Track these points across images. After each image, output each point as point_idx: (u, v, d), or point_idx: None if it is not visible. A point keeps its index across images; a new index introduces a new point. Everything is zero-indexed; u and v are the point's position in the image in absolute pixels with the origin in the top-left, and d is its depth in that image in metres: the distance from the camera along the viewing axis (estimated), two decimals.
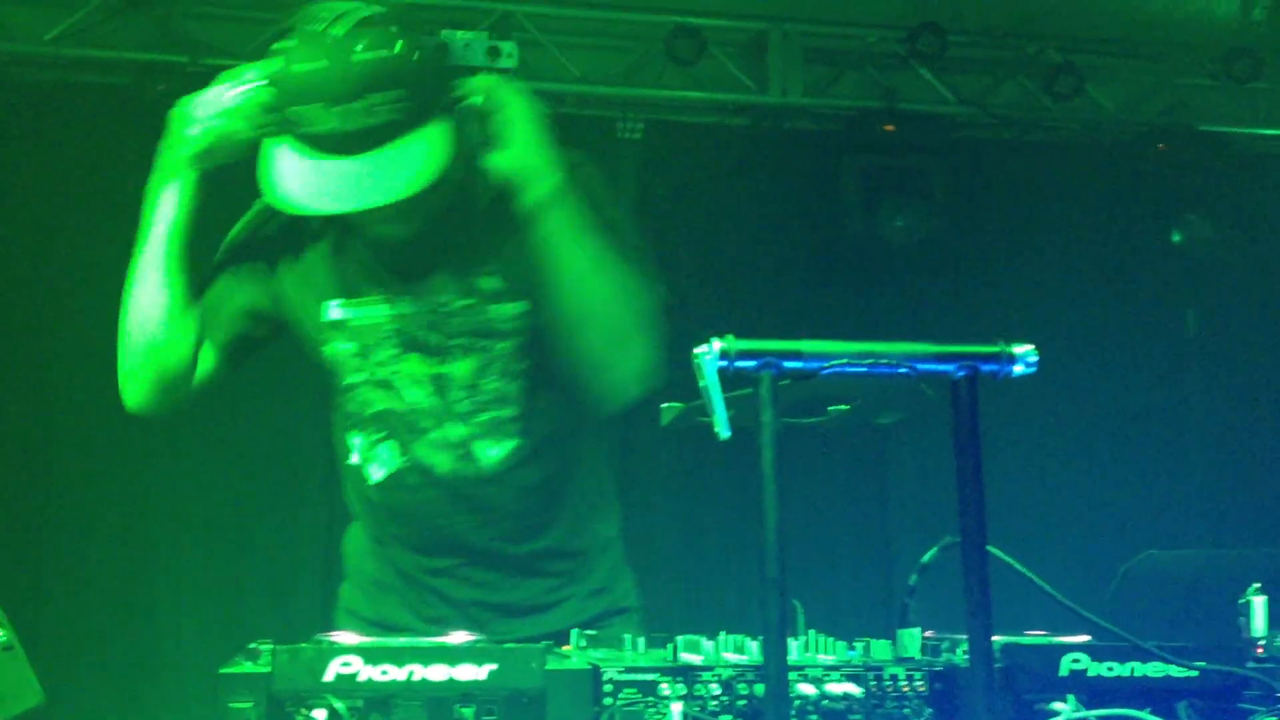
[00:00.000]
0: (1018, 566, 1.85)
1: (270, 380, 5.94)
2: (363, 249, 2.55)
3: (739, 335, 1.56)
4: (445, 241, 2.52)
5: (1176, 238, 6.87)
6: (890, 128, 6.45)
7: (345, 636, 1.85)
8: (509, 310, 2.51)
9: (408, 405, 2.56)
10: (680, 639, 1.85)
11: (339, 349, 2.57)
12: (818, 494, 6.34)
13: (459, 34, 6.47)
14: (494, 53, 7.08)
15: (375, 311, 2.55)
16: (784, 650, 1.50)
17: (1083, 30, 6.67)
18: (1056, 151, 6.97)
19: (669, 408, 1.81)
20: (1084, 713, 1.75)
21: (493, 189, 2.41)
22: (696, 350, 1.52)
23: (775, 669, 1.48)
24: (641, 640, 1.91)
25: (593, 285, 2.34)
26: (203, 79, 2.41)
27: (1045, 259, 6.82)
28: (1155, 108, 6.95)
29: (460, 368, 2.54)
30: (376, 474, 2.60)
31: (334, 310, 2.56)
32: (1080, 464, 6.64)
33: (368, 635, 2.17)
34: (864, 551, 6.37)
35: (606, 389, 2.44)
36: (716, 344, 1.52)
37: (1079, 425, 6.71)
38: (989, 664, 1.54)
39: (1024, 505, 6.28)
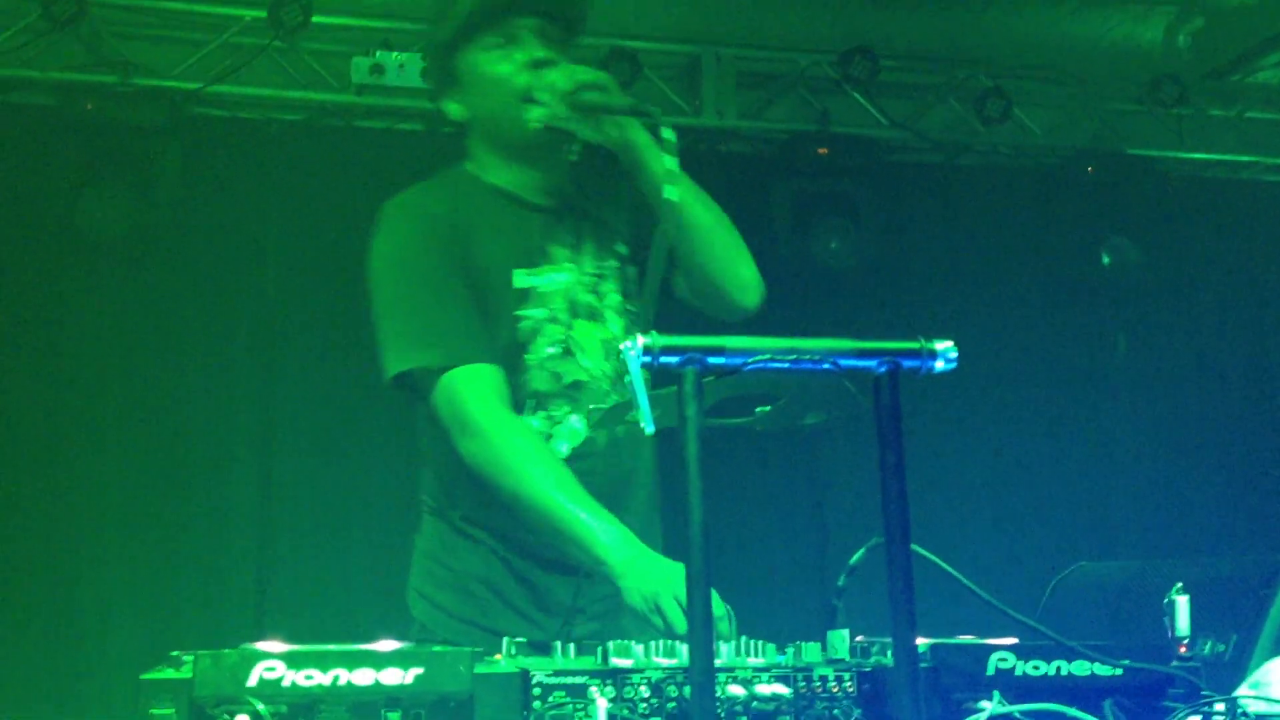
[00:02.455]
0: (937, 561, 1.86)
1: (200, 380, 5.87)
2: (528, 221, 2.72)
3: None
4: (585, 214, 2.77)
5: (1105, 260, 6.96)
6: (824, 150, 6.50)
7: (271, 644, 1.82)
8: (633, 272, 2.75)
9: (590, 373, 2.64)
10: (612, 644, 1.84)
11: (533, 315, 2.66)
12: (752, 496, 6.34)
13: (394, 55, 6.45)
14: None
15: (554, 279, 2.68)
16: (710, 645, 1.50)
17: (1011, 56, 6.77)
18: (986, 175, 7.05)
19: (594, 409, 1.81)
20: (1009, 708, 1.76)
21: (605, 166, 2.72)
22: (621, 345, 1.52)
23: (700, 664, 1.47)
24: (573, 646, 1.90)
25: (713, 211, 2.66)
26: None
27: (977, 282, 6.89)
28: (1083, 132, 7.06)
29: (616, 329, 2.70)
30: (563, 449, 2.60)
31: (524, 277, 2.67)
32: (1013, 481, 6.70)
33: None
34: (799, 555, 6.37)
35: (735, 291, 2.68)
36: (641, 339, 1.52)
37: (1013, 443, 6.77)
38: (914, 659, 1.54)
39: (961, 524, 6.32)
